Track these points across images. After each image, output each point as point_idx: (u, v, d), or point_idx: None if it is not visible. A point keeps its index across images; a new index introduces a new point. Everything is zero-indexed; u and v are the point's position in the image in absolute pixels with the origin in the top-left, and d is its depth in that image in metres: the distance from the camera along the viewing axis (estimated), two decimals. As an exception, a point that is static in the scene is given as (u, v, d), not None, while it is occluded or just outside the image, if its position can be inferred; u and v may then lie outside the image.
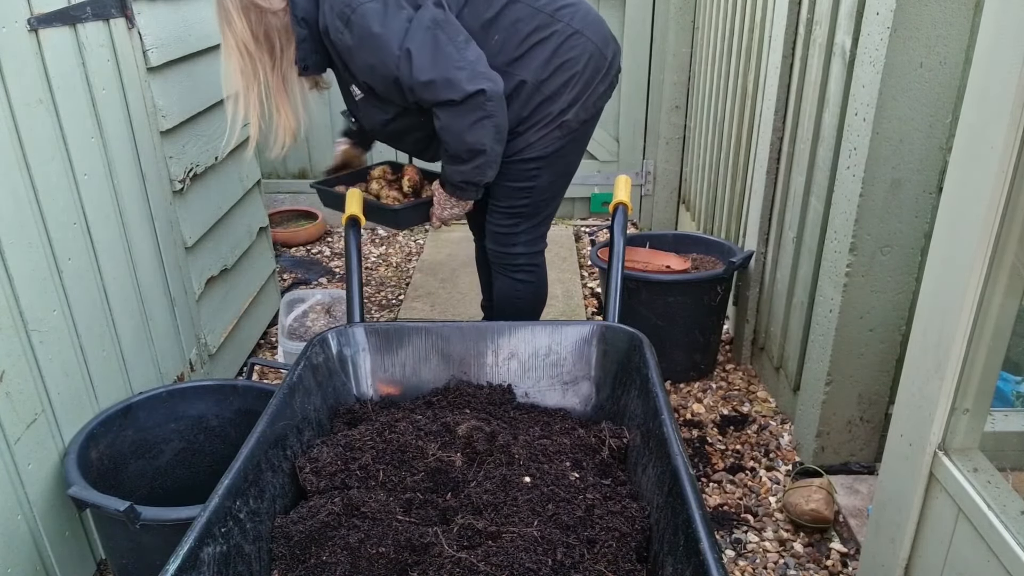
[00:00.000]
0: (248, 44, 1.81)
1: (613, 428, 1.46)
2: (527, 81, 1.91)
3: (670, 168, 3.90)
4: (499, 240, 2.15)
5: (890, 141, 1.75)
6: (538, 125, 1.96)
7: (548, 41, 1.91)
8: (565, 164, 2.08)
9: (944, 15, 1.63)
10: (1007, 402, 1.72)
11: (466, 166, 1.90)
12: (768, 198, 2.46)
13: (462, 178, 1.94)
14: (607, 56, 2.01)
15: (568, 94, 1.94)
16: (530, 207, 2.09)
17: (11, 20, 1.52)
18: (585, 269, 3.61)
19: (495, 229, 2.14)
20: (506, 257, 2.16)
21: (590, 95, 1.98)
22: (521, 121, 1.95)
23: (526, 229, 2.12)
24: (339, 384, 1.59)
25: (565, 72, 1.93)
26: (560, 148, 2.00)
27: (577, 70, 1.94)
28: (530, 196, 2.06)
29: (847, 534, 1.91)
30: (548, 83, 1.92)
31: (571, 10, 1.95)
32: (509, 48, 1.90)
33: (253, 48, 1.82)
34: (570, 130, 1.98)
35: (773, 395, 2.53)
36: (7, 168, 1.51)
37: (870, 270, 1.89)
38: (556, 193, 2.13)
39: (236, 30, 1.80)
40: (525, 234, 2.13)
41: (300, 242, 3.91)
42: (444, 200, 2.05)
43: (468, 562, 1.10)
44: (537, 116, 1.95)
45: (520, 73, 1.91)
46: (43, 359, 1.60)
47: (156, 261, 2.08)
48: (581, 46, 1.94)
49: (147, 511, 1.43)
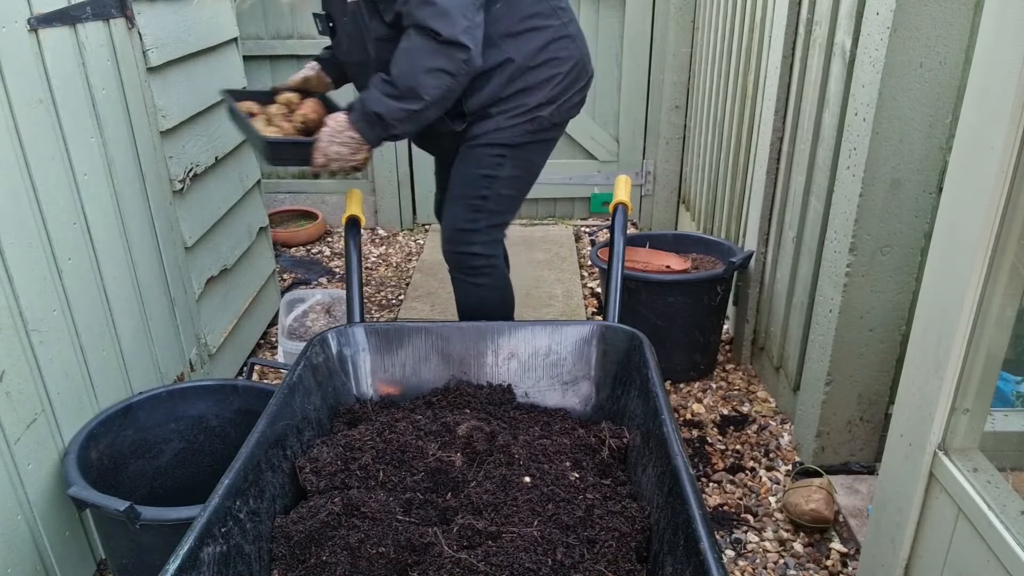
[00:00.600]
0: None
1: (613, 428, 1.46)
2: (515, 61, 1.88)
3: (670, 168, 3.90)
4: (456, 239, 2.05)
5: (890, 141, 1.75)
6: (511, 112, 1.93)
7: (544, 31, 1.90)
8: (529, 163, 2.03)
9: (944, 15, 1.63)
10: (1007, 402, 1.72)
11: (396, 102, 1.76)
12: (768, 198, 2.46)
13: (382, 109, 1.77)
14: (588, 70, 2.03)
15: (548, 91, 1.93)
16: (490, 200, 2.01)
17: (11, 20, 1.52)
18: (585, 269, 3.61)
19: (453, 224, 2.05)
20: (463, 259, 2.06)
21: (566, 100, 1.98)
22: (496, 102, 1.92)
23: (485, 228, 2.03)
24: (339, 384, 1.59)
25: (551, 68, 1.92)
26: (527, 143, 1.97)
27: (562, 71, 1.94)
28: (491, 187, 1.99)
29: (847, 534, 1.91)
30: (533, 72, 1.91)
31: (568, 15, 1.97)
32: (508, 21, 1.87)
33: None
34: (541, 127, 1.96)
35: (773, 395, 2.53)
36: (7, 168, 1.51)
37: (870, 270, 1.89)
38: (517, 192, 2.07)
39: None
40: (483, 234, 2.03)
41: (300, 242, 3.92)
42: (339, 132, 1.81)
43: (468, 562, 1.10)
44: (513, 102, 1.92)
45: (511, 51, 1.88)
46: (43, 359, 1.60)
47: (156, 261, 2.08)
48: (570, 50, 1.95)
49: (147, 511, 1.43)
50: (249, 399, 1.89)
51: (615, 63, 3.91)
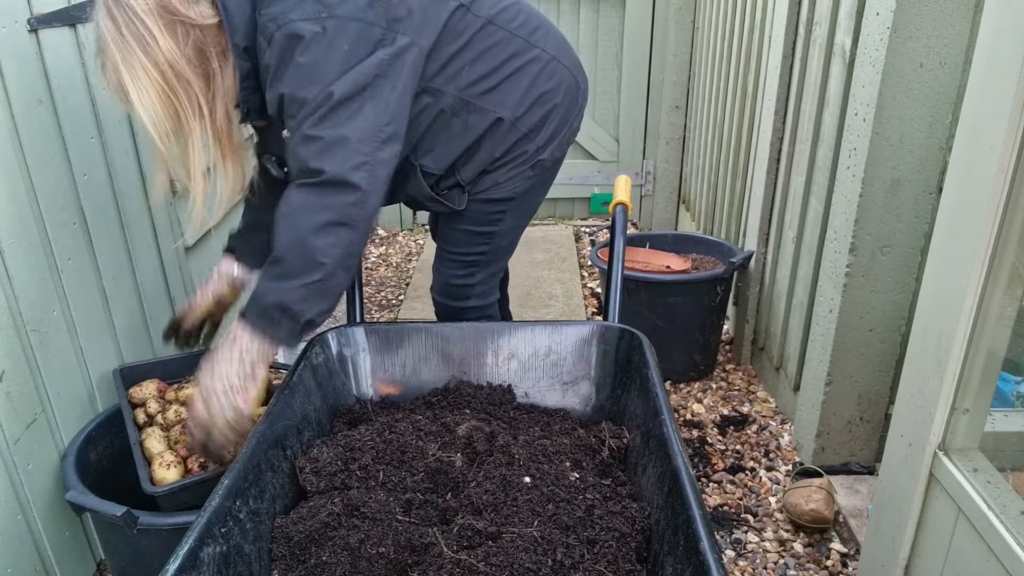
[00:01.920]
0: (177, 66, 1.32)
1: (613, 428, 1.46)
2: (504, 119, 1.63)
3: (670, 168, 3.90)
4: (451, 293, 1.86)
5: (890, 141, 1.75)
6: (510, 164, 1.69)
7: (526, 70, 1.64)
8: (531, 206, 1.82)
9: (944, 15, 1.63)
10: (1007, 402, 1.72)
11: (291, 281, 1.36)
12: (768, 198, 2.46)
13: (277, 298, 1.36)
14: (580, 86, 1.77)
15: (546, 130, 1.70)
16: (488, 255, 1.82)
17: (11, 20, 1.52)
18: (585, 269, 3.61)
19: (447, 281, 1.85)
20: (457, 312, 1.88)
21: (567, 131, 1.75)
22: (494, 161, 1.68)
23: (481, 280, 1.85)
24: (339, 384, 1.59)
25: (544, 105, 1.68)
26: (529, 189, 1.75)
27: (556, 102, 1.69)
28: (490, 243, 1.79)
29: (847, 534, 1.91)
30: (525, 119, 1.66)
31: (543, 32, 1.69)
32: (482, 78, 1.60)
33: (186, 70, 1.33)
34: (543, 169, 1.75)
35: (773, 395, 2.53)
36: (7, 168, 1.51)
37: (870, 270, 1.89)
38: (515, 239, 1.87)
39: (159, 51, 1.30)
40: (480, 286, 1.85)
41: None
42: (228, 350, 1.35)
43: (468, 562, 1.10)
44: (511, 155, 1.68)
45: (496, 109, 1.62)
46: (43, 359, 1.60)
47: (156, 261, 2.08)
48: (559, 75, 1.69)
49: (144, 516, 1.43)
50: (249, 399, 1.88)
51: (615, 63, 3.91)
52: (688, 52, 3.63)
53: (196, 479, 1.54)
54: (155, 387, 1.79)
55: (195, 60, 1.35)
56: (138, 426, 1.71)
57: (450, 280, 1.84)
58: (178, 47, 1.32)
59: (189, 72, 1.34)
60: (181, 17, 1.32)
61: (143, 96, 1.31)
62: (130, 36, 1.29)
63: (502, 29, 1.61)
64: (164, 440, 1.65)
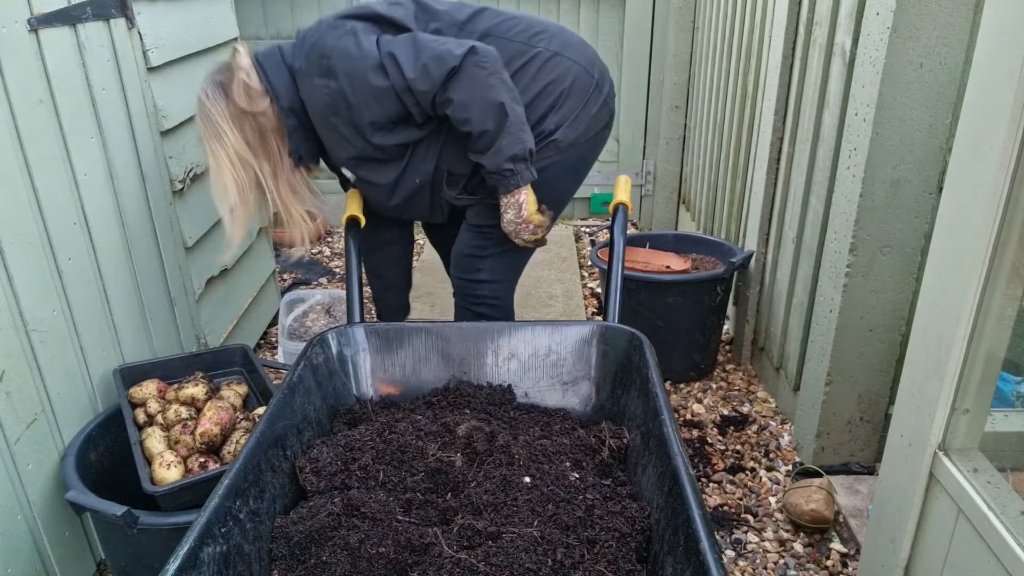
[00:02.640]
0: (244, 154, 1.71)
1: (613, 428, 1.46)
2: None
3: (670, 168, 3.90)
4: (462, 266, 1.99)
5: (890, 141, 1.75)
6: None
7: (526, 68, 1.82)
8: (552, 189, 1.89)
9: (944, 15, 1.63)
10: (1007, 402, 1.72)
11: (503, 139, 1.70)
12: (768, 198, 2.46)
13: (509, 154, 1.72)
14: (594, 76, 1.90)
15: (556, 114, 1.84)
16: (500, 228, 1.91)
17: (11, 20, 1.52)
18: (585, 269, 3.61)
19: (460, 251, 1.99)
20: (469, 286, 1.99)
21: (581, 113, 1.86)
22: None
23: (493, 255, 1.95)
24: (339, 384, 1.59)
25: (550, 95, 1.83)
26: (547, 167, 1.85)
27: (564, 88, 1.84)
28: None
29: (847, 534, 1.91)
30: (533, 108, 1.81)
31: (547, 35, 1.86)
32: None
33: (250, 157, 1.72)
34: (558, 150, 1.85)
35: (773, 395, 2.53)
36: (7, 168, 1.51)
37: (870, 270, 1.89)
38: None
39: (229, 143, 1.69)
40: (491, 259, 1.96)
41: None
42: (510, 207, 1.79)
43: (468, 562, 1.10)
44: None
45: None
46: (43, 359, 1.60)
47: (156, 261, 2.08)
48: (563, 66, 1.84)
49: (144, 516, 1.43)
50: (249, 399, 1.88)
51: (615, 63, 3.91)
52: (688, 52, 3.63)
53: (196, 479, 1.55)
54: (155, 387, 1.79)
55: (257, 144, 1.73)
56: (138, 426, 1.71)
57: (463, 250, 1.99)
58: (244, 137, 1.71)
59: (250, 156, 1.73)
60: (245, 110, 1.70)
61: (219, 175, 1.72)
62: (210, 135, 1.71)
63: (499, 38, 1.81)
64: (164, 440, 1.65)
